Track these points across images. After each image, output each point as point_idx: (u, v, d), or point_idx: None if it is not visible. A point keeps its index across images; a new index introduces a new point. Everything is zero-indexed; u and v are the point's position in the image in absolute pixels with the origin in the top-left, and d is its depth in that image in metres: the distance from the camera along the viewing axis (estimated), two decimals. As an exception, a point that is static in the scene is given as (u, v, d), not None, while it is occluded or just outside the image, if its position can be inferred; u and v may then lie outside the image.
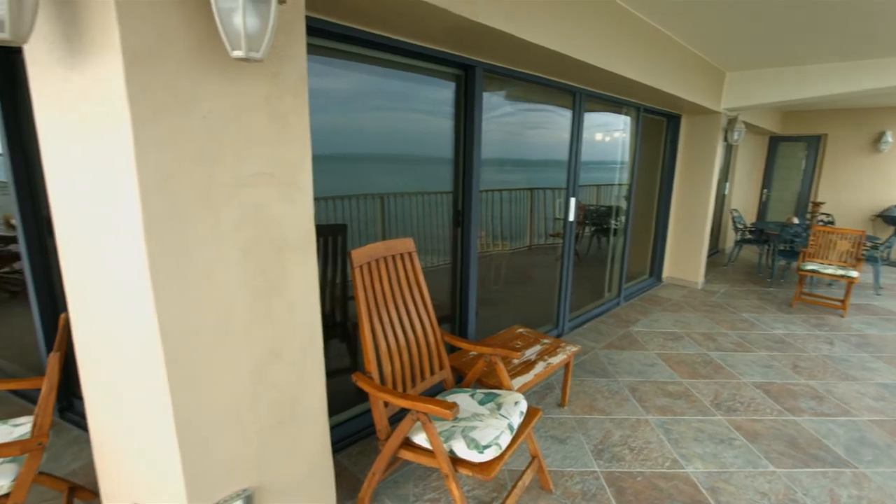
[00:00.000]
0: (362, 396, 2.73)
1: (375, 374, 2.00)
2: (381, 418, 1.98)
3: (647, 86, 3.73)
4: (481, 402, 2.13)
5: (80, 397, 2.72)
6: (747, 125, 6.67)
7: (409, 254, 2.31)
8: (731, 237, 8.52)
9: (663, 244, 6.01)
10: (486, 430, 1.90)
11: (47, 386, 1.63)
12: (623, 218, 5.05)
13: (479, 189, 2.99)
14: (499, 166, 3.32)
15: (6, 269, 3.46)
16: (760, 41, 3.95)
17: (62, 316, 1.96)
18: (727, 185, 8.07)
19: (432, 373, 2.32)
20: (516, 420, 2.01)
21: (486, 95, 2.95)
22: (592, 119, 4.16)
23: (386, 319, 2.11)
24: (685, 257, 6.01)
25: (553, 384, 3.30)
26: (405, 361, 2.16)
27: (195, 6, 1.28)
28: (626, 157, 4.92)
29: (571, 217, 3.98)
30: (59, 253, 1.53)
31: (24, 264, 2.63)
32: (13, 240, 3.17)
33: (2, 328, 3.48)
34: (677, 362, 3.75)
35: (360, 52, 2.34)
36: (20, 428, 1.90)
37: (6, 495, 1.64)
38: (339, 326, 2.71)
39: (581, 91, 3.79)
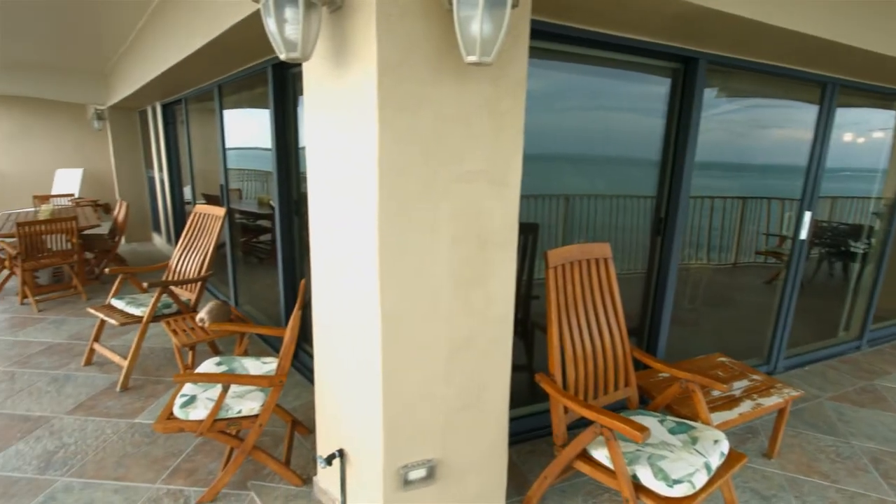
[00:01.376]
0: (535, 396, 2.73)
1: (559, 378, 1.96)
2: (559, 423, 1.95)
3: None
4: (672, 432, 1.93)
5: (304, 350, 3.30)
6: None
7: (605, 260, 2.20)
8: None
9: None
10: (678, 463, 1.71)
11: (289, 336, 2.01)
12: (875, 240, 4.01)
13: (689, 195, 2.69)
14: (704, 170, 2.92)
15: (257, 240, 4.38)
16: None
17: (302, 282, 2.39)
18: None
19: (616, 388, 2.19)
20: (715, 461, 1.77)
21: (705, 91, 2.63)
22: (842, 116, 3.38)
23: (575, 324, 2.05)
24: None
25: (757, 429, 2.82)
26: (590, 370, 2.08)
27: (437, 18, 1.41)
28: (885, 164, 3.88)
29: (804, 234, 3.31)
30: (311, 230, 1.86)
31: (277, 237, 3.28)
32: (263, 216, 3.99)
33: (252, 285, 4.42)
34: (949, 437, 2.84)
35: (568, 51, 2.29)
36: (267, 365, 2.39)
37: (256, 416, 2.07)
38: (520, 324, 2.74)
39: (833, 81, 3.11)
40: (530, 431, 2.65)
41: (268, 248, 4.23)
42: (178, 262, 3.66)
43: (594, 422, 1.72)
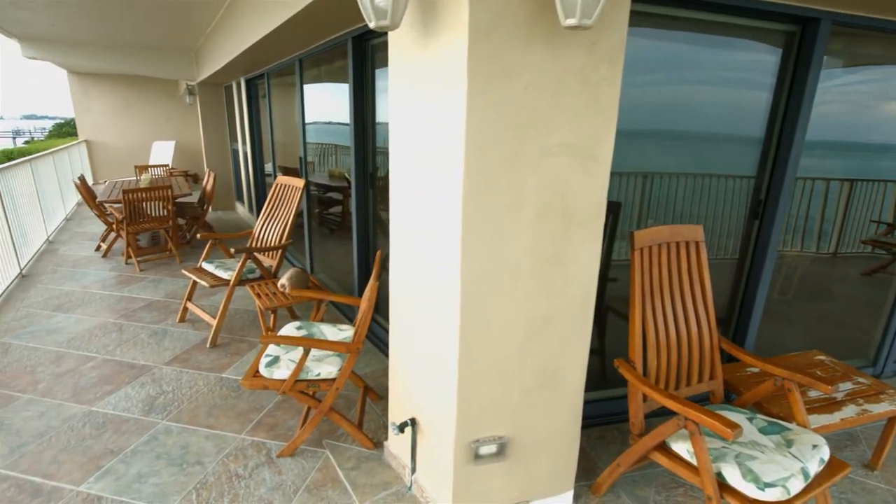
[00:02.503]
0: (607, 381, 2.64)
1: (639, 365, 1.87)
2: (637, 412, 1.87)
3: None
4: (763, 432, 1.79)
5: (375, 320, 3.39)
6: None
7: (697, 243, 2.05)
8: None
9: None
10: (770, 465, 1.58)
11: (366, 306, 2.06)
12: None
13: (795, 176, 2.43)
14: (806, 150, 2.59)
15: (330, 211, 4.52)
16: None
17: (378, 252, 2.43)
18: None
19: (700, 379, 2.06)
20: (813, 467, 1.62)
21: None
22: None
23: (659, 309, 1.94)
24: None
25: (858, 436, 2.57)
26: (672, 359, 1.97)
27: (533, -22, 1.32)
28: None
29: (928, 224, 2.91)
30: (391, 201, 1.87)
31: (352, 209, 3.36)
32: (337, 188, 4.10)
33: (326, 254, 4.59)
34: None
35: (667, 14, 2.10)
36: (343, 332, 2.48)
37: (333, 379, 2.16)
38: (595, 307, 2.64)
39: None
40: (600, 416, 2.57)
41: (340, 220, 4.37)
42: (260, 229, 3.86)
43: (677, 413, 1.63)
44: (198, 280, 3.42)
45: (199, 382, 2.90)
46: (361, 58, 3.07)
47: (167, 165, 8.61)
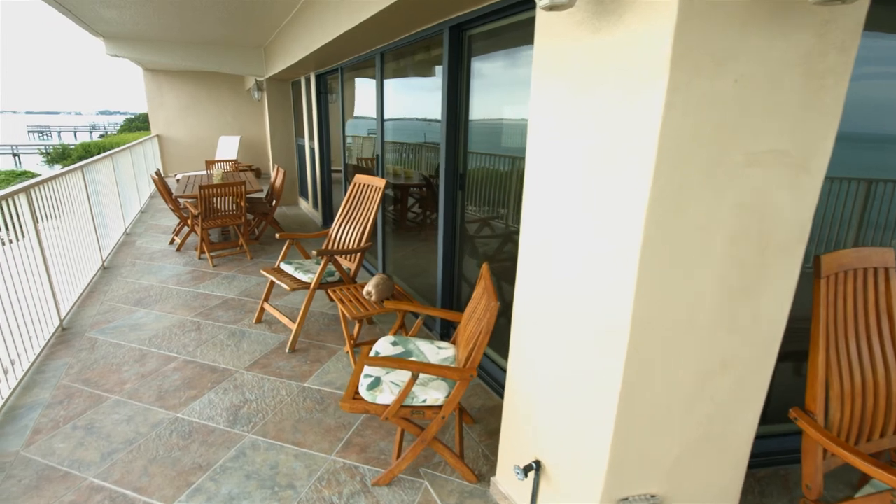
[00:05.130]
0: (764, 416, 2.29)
1: (821, 417, 1.55)
2: (815, 473, 1.54)
3: None
4: None
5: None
6: None
7: (886, 270, 1.69)
8: None
9: None
10: None
11: (485, 328, 1.83)
12: None
13: None
14: None
15: (406, 212, 4.33)
16: None
17: (485, 265, 2.20)
18: None
19: (883, 434, 1.70)
20: None
21: None
22: None
23: (843, 350, 1.60)
24: None
25: None
26: (856, 409, 1.63)
27: (762, -60, 1.04)
28: None
29: None
30: (526, 212, 1.63)
31: (439, 212, 3.15)
32: (412, 188, 3.90)
33: (399, 258, 4.42)
34: None
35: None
36: (444, 351, 2.27)
37: (439, 406, 1.95)
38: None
39: None
40: (756, 457, 2.22)
41: (417, 221, 4.18)
42: (337, 230, 3.72)
43: (888, 486, 1.30)
44: (278, 282, 3.31)
45: (282, 392, 2.77)
46: (458, 49, 2.84)
47: (234, 160, 8.77)
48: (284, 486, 2.07)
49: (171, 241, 5.83)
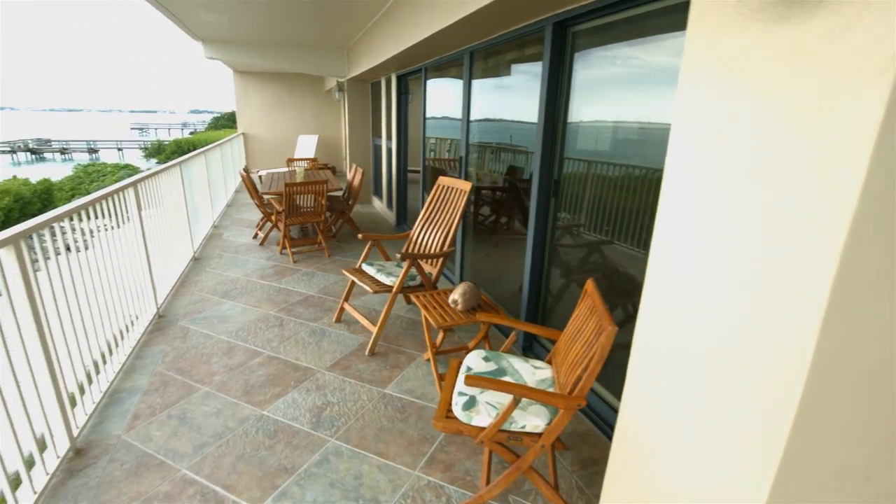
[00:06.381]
0: None
1: None
2: None
3: None
4: None
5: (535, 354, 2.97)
6: None
7: None
8: None
9: None
10: None
11: (599, 357, 1.65)
12: None
13: None
14: None
15: (487, 216, 4.19)
16: None
17: (590, 281, 2.01)
18: None
19: None
20: None
21: None
22: None
23: None
24: None
25: None
26: None
27: None
28: None
29: None
30: (663, 220, 1.43)
31: (531, 219, 2.98)
32: (497, 191, 3.75)
33: (480, 265, 4.29)
34: None
35: None
36: (540, 372, 2.10)
37: (539, 434, 1.79)
38: None
39: None
40: None
41: (500, 226, 4.03)
42: (419, 233, 3.65)
43: None
44: (360, 283, 3.29)
45: (363, 396, 2.72)
46: (560, 47, 2.66)
47: (313, 158, 9.05)
48: (369, 500, 1.99)
49: (255, 236, 6.06)
